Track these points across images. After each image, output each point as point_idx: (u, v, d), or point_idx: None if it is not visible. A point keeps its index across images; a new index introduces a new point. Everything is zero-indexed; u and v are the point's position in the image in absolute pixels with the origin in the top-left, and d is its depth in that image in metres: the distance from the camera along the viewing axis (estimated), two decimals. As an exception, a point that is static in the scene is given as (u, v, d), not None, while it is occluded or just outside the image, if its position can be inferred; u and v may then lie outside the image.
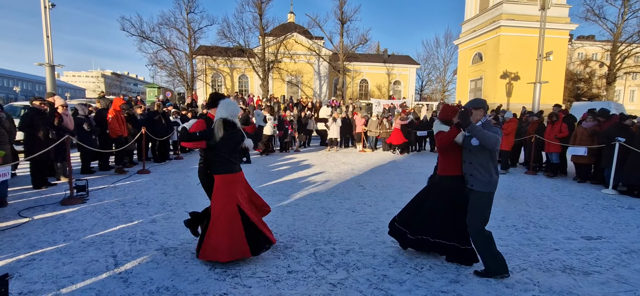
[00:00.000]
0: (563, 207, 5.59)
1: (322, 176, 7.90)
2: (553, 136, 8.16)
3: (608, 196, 6.46)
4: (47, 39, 12.75)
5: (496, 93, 26.28)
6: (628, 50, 28.11)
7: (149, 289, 2.80)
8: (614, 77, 29.25)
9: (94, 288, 2.80)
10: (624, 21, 27.55)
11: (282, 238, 3.96)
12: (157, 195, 5.89)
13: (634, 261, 3.51)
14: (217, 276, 3.03)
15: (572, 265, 3.38)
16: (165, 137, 9.57)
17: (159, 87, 24.97)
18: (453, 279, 3.06)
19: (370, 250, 3.68)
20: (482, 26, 28.63)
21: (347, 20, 29.57)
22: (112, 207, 5.10)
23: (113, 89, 74.10)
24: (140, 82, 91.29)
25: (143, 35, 27.50)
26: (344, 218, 4.75)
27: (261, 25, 28.50)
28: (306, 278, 3.04)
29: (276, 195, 6.01)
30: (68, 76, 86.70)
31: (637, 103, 41.90)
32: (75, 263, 3.23)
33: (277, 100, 21.04)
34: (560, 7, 25.78)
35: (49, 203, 5.22)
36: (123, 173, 7.65)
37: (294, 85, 33.54)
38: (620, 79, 33.42)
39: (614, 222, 4.86)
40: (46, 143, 5.91)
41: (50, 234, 3.94)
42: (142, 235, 3.97)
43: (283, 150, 12.68)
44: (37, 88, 62.61)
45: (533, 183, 7.61)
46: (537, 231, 4.34)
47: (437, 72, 46.28)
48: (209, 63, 31.51)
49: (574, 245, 3.93)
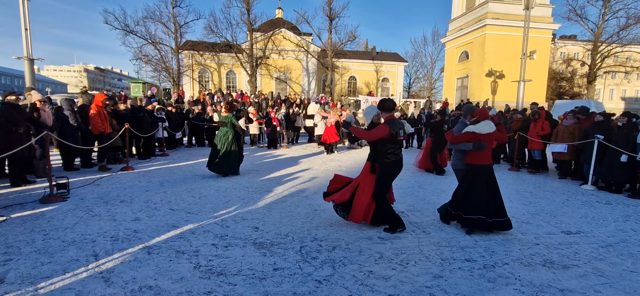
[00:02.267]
0: (544, 203, 5.74)
1: (309, 173, 7.89)
2: (535, 134, 8.36)
3: (587, 192, 6.66)
4: (26, 32, 12.29)
5: (482, 91, 26.72)
6: (608, 50, 29.01)
7: (131, 288, 2.74)
8: (595, 76, 30.15)
9: (73, 288, 2.73)
10: (604, 21, 28.40)
11: (268, 235, 3.94)
12: (141, 192, 5.78)
13: (610, 255, 3.64)
14: (202, 274, 3.00)
15: (552, 259, 3.48)
16: (151, 133, 9.39)
17: (144, 83, 24.42)
18: (437, 274, 3.10)
19: (357, 246, 3.70)
20: (468, 25, 29.01)
21: (335, 17, 29.52)
22: (94, 204, 4.98)
23: (96, 84, 72.27)
24: (124, 77, 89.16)
25: (127, 29, 26.80)
26: (331, 215, 4.75)
27: (249, 20, 28.18)
28: (292, 275, 3.04)
29: (263, 192, 5.97)
30: (49, 70, 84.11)
31: (616, 101, 43.32)
32: (55, 262, 3.14)
33: (265, 97, 20.88)
34: (544, 7, 26.31)
35: (27, 201, 5.06)
36: (107, 171, 7.47)
37: (282, 82, 33.35)
38: (600, 78, 34.49)
39: (593, 216, 5.02)
40: (25, 140, 5.72)
41: (28, 233, 3.82)
42: (125, 234, 3.89)
43: (271, 147, 12.62)
44: (16, 82, 60.46)
45: (516, 179, 7.78)
46: (519, 227, 4.44)
47: (424, 69, 46.74)
48: (195, 58, 31.01)
49: (554, 239, 4.04)
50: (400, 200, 5.49)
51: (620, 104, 42.70)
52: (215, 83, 31.87)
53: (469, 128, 4.20)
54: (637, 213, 5.27)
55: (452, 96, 30.63)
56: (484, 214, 3.98)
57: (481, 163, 4.11)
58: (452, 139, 4.33)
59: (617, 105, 41.18)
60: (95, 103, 7.64)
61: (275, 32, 30.07)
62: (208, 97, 18.18)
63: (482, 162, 4.11)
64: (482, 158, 4.10)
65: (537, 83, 25.01)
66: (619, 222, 4.82)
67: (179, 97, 19.53)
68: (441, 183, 7.07)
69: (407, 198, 5.77)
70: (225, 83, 32.56)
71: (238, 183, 6.66)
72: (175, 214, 4.64)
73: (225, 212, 4.77)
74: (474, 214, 4.01)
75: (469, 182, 4.16)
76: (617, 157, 6.39)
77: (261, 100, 18.97)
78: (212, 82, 32.27)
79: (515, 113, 10.13)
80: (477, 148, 4.06)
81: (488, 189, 4.07)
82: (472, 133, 4.09)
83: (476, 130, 4.09)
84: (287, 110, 14.20)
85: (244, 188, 6.23)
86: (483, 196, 4.03)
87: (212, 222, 4.34)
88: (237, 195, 5.76)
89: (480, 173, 4.09)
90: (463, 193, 4.19)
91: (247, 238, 3.83)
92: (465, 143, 4.13)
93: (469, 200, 4.08)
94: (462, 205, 4.14)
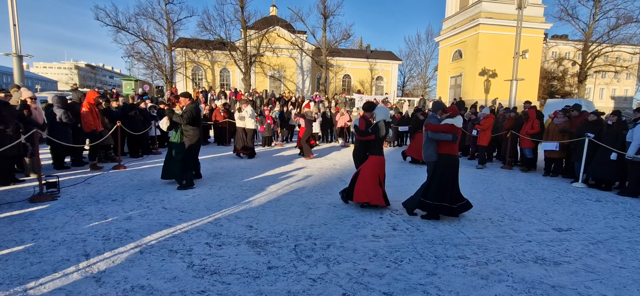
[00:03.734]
0: (536, 200, 5.80)
1: (303, 171, 7.88)
2: (525, 132, 8.44)
3: (578, 189, 6.75)
4: (14, 28, 12.06)
5: (475, 90, 26.93)
6: (598, 49, 29.43)
7: (123, 288, 2.71)
8: (585, 76, 30.57)
9: (64, 288, 2.69)
10: (595, 22, 28.79)
11: (262, 234, 3.93)
12: (133, 191, 5.72)
13: (600, 251, 3.69)
14: (195, 273, 2.97)
15: (543, 256, 3.52)
16: (143, 131, 9.29)
17: (136, 80, 24.12)
18: (430, 272, 3.12)
19: (351, 244, 3.70)
20: (461, 24, 29.18)
21: (330, 15, 29.44)
22: (85, 203, 4.91)
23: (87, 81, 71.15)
24: (116, 75, 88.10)
25: (118, 25, 26.41)
26: (325, 213, 4.75)
27: (243, 17, 27.96)
28: (286, 273, 3.03)
29: (257, 191, 5.95)
30: (38, 67, 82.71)
31: (606, 100, 43.99)
32: (44, 263, 3.09)
33: (259, 95, 20.78)
34: (536, 7, 26.56)
35: (16, 200, 4.97)
36: (98, 169, 7.37)
37: (276, 80, 33.22)
38: (591, 78, 34.91)
39: (583, 214, 5.10)
40: (14, 138, 5.61)
41: (17, 233, 3.75)
42: (117, 233, 3.84)
43: (265, 145, 12.57)
44: (4, 79, 59.34)
45: (508, 177, 7.86)
46: (511, 224, 4.49)
47: (418, 68, 46.96)
48: (188, 56, 30.68)
49: (545, 236, 4.10)
50: (394, 198, 5.51)
51: (610, 103, 43.38)
52: (209, 81, 31.62)
53: (447, 120, 4.54)
54: (626, 210, 5.36)
55: (445, 95, 30.80)
56: (447, 202, 4.46)
57: (454, 154, 4.57)
58: (434, 128, 4.57)
59: (607, 104, 41.81)
60: (88, 101, 7.52)
61: (269, 29, 29.88)
62: (201, 94, 18.05)
63: (454, 153, 4.57)
64: (454, 149, 4.56)
65: (529, 83, 25.28)
66: (608, 219, 4.89)
67: (172, 94, 19.33)
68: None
69: (400, 196, 5.79)
70: (219, 81, 32.32)
71: (232, 181, 6.62)
72: (168, 213, 4.59)
73: (219, 211, 4.74)
74: (441, 202, 4.47)
75: (442, 171, 4.50)
76: (607, 155, 6.49)
77: (255, 98, 18.88)
78: (206, 79, 32.01)
79: (508, 112, 10.22)
80: (454, 140, 4.44)
81: (454, 178, 4.55)
82: (451, 125, 4.46)
83: (454, 123, 4.47)
84: (281, 108, 14.16)
85: (238, 187, 6.19)
86: (449, 185, 4.49)
87: (206, 221, 4.31)
88: (230, 193, 5.72)
89: (453, 163, 4.54)
90: (437, 181, 4.51)
91: (241, 237, 3.81)
92: (445, 134, 4.44)
93: (439, 189, 4.49)
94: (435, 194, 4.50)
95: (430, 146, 4.64)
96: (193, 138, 5.95)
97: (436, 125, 4.59)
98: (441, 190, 4.47)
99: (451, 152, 4.52)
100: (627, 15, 27.76)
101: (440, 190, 4.47)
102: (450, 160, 4.50)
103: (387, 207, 5.05)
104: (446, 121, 4.54)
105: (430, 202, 4.51)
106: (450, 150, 4.51)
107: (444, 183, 4.47)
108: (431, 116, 4.90)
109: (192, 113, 5.86)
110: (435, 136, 4.50)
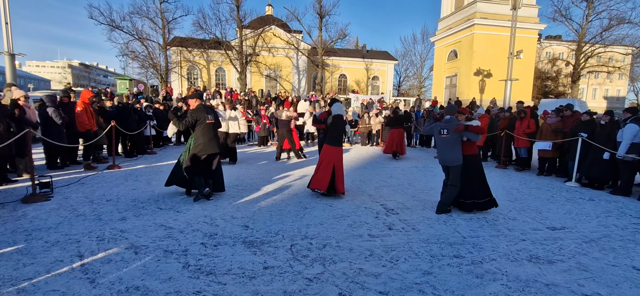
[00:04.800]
0: (530, 199, 5.85)
1: (299, 171, 7.87)
2: (521, 132, 8.51)
3: (571, 188, 6.82)
4: (6, 26, 11.90)
5: (470, 90, 27.09)
6: (591, 50, 29.75)
7: (118, 289, 2.69)
8: (578, 76, 30.89)
9: (57, 289, 2.66)
10: (588, 22, 29.10)
11: (258, 234, 3.92)
12: (128, 191, 5.68)
13: (593, 250, 3.73)
14: (191, 274, 2.96)
15: (537, 255, 3.55)
16: (138, 131, 9.22)
17: (130, 79, 23.91)
18: (426, 271, 3.13)
19: (347, 244, 3.71)
20: (457, 24, 29.35)
21: (325, 14, 29.43)
22: (79, 204, 4.86)
23: (81, 81, 70.42)
24: (110, 74, 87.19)
25: (113, 24, 26.18)
26: (321, 213, 4.76)
27: (238, 16, 27.88)
28: (282, 273, 3.03)
29: (253, 190, 5.93)
30: (31, 66, 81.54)
31: (599, 100, 44.46)
32: (38, 264, 3.06)
33: (255, 94, 20.72)
34: (530, 8, 26.78)
35: (8, 201, 4.91)
36: (92, 169, 7.31)
37: (272, 79, 33.15)
38: (584, 78, 35.36)
39: (576, 213, 5.15)
40: (6, 137, 5.54)
41: (9, 234, 3.71)
42: (111, 233, 3.81)
43: (261, 145, 12.54)
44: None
45: (503, 176, 7.92)
46: (506, 223, 4.52)
47: (414, 68, 47.09)
48: (184, 55, 30.51)
49: (539, 235, 4.13)
50: (391, 198, 5.53)
51: (603, 103, 43.85)
52: (204, 81, 31.46)
53: (472, 122, 4.75)
54: (619, 209, 5.43)
55: (441, 94, 30.95)
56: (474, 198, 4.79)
57: (476, 153, 4.95)
58: (477, 130, 4.72)
59: (600, 104, 42.25)
60: (82, 101, 7.45)
61: (265, 29, 29.82)
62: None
63: (476, 152, 4.95)
64: (475, 148, 4.93)
65: (523, 83, 25.51)
66: (601, 217, 4.95)
67: (167, 93, 19.22)
68: (430, 181, 7.14)
69: (396, 196, 5.82)
70: (214, 80, 32.19)
71: (227, 181, 6.58)
72: (163, 213, 4.57)
73: (215, 211, 4.72)
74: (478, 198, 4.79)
75: (476, 170, 4.84)
76: (600, 155, 6.56)
77: (251, 97, 18.82)
78: (201, 79, 31.85)
79: (503, 112, 10.30)
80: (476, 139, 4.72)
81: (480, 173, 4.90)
82: (480, 127, 4.76)
83: (472, 124, 4.67)
84: (277, 108, 14.12)
85: (234, 187, 6.17)
86: (477, 181, 4.81)
87: (201, 221, 4.29)
88: (226, 193, 5.70)
89: (479, 161, 4.98)
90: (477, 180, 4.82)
91: (237, 237, 3.80)
92: (475, 134, 4.63)
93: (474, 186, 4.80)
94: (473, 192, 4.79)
95: (455, 148, 4.71)
96: (198, 145, 5.23)
97: (478, 127, 4.74)
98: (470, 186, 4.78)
99: (475, 151, 4.92)
100: (619, 16, 28.11)
101: (470, 187, 4.78)
102: (477, 159, 4.92)
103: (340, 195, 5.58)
104: (471, 123, 4.73)
105: (470, 201, 4.81)
106: (473, 149, 4.87)
107: (472, 179, 4.79)
108: (451, 119, 4.79)
109: (194, 116, 5.23)
110: (472, 137, 4.69)
